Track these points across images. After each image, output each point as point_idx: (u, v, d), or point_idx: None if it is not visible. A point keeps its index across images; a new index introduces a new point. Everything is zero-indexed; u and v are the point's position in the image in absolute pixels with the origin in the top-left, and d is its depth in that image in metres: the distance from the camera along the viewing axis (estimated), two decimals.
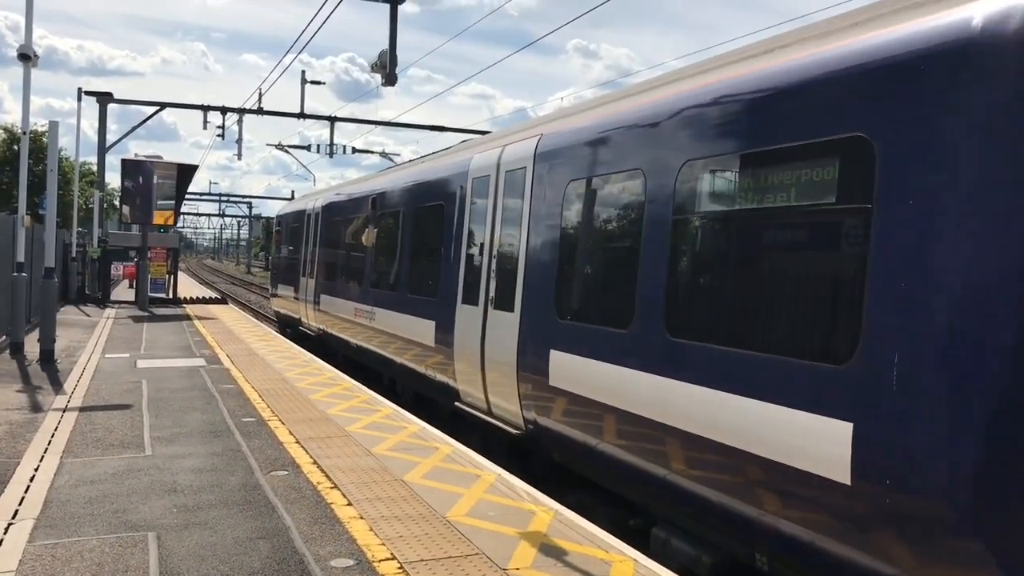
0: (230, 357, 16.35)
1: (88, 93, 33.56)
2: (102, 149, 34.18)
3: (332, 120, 38.96)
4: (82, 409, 10.81)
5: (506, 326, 9.44)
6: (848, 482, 4.72)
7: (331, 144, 41.00)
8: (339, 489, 7.45)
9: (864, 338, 4.78)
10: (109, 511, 6.66)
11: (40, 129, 38.47)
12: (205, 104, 36.09)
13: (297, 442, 9.24)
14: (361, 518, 6.66)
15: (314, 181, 58.19)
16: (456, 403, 10.98)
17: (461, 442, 9.79)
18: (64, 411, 10.66)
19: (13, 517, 6.48)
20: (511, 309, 9.40)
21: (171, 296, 31.50)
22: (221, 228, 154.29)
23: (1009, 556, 3.77)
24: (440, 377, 11.56)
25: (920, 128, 4.64)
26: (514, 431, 9.30)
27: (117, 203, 37.02)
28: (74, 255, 30.85)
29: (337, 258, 18.57)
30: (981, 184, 4.33)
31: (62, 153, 32.17)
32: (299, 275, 22.34)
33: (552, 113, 10.42)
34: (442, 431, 10.34)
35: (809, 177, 5.42)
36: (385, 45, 10.33)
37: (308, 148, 44.68)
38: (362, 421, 10.50)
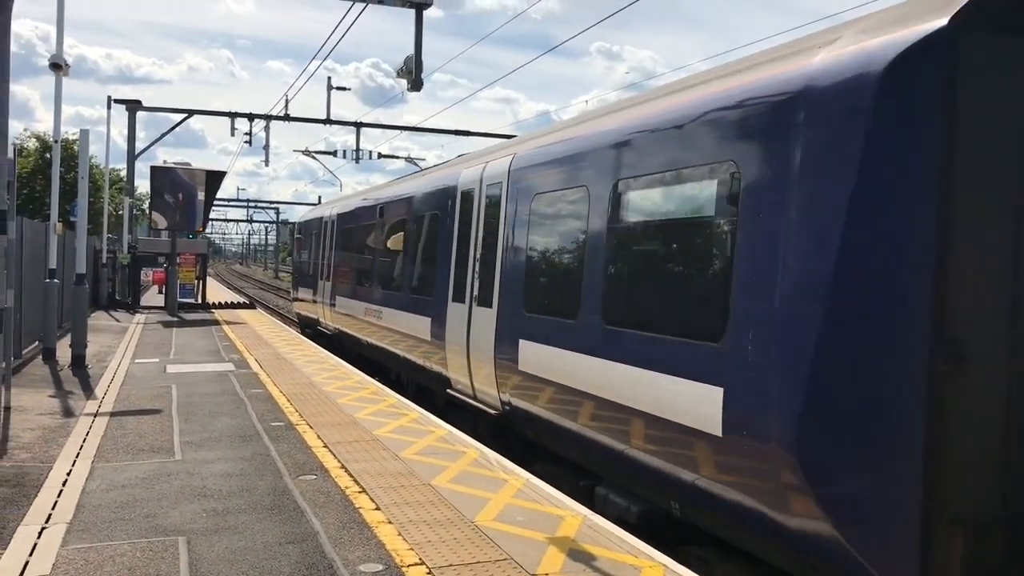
0: (259, 362, 16.46)
1: (118, 101, 33.98)
2: (131, 156, 34.56)
3: (358, 126, 39.18)
4: (113, 414, 10.92)
5: (486, 320, 10.72)
6: (720, 434, 6.04)
7: (357, 149, 41.23)
8: (367, 493, 7.46)
9: (730, 323, 6.06)
10: (140, 515, 6.72)
11: (71, 137, 38.97)
12: (232, 111, 36.43)
13: (325, 446, 9.27)
14: (389, 523, 6.67)
15: (340, 186, 58.52)
16: (448, 390, 12.21)
17: (487, 445, 9.78)
18: (95, 416, 10.77)
19: (47, 521, 6.55)
20: (490, 305, 10.66)
21: (200, 301, 31.80)
22: (249, 234, 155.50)
23: (821, 483, 5.22)
24: (435, 367, 12.83)
25: (765, 160, 5.94)
26: (493, 412, 10.50)
27: (147, 209, 37.42)
28: (104, 261, 31.23)
29: (350, 262, 19.96)
30: (803, 207, 5.56)
31: (92, 160, 32.57)
32: (317, 278, 23.69)
33: (526, 135, 12.03)
34: (467, 434, 10.34)
35: (692, 194, 6.91)
36: (409, 50, 10.37)
37: (334, 154, 45.00)
38: (389, 425, 10.52)
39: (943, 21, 4.93)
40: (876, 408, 5.09)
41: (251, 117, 36.67)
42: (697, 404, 6.29)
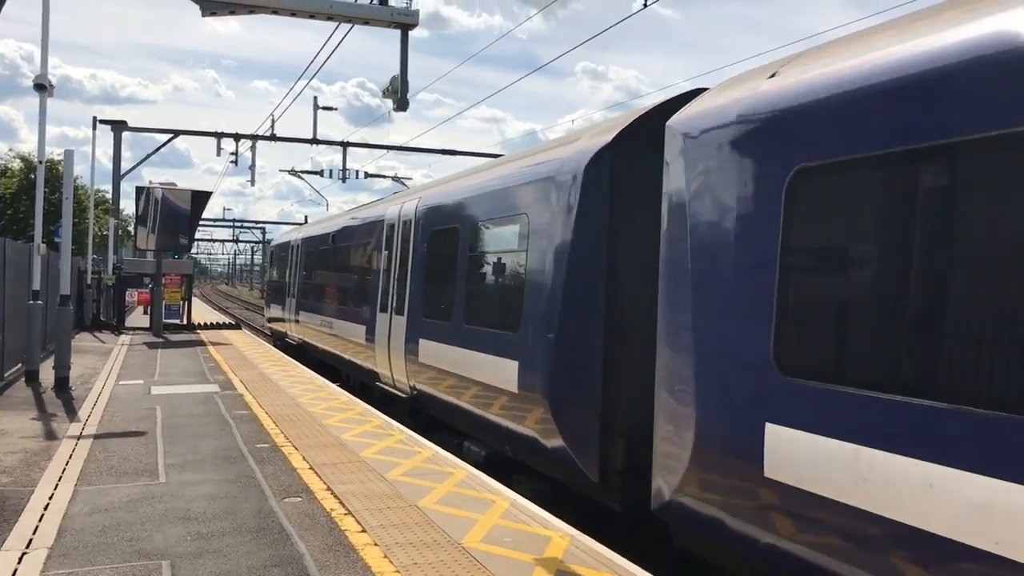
0: (244, 383, 16.36)
1: (103, 122, 33.85)
2: (117, 177, 34.42)
3: (345, 145, 39.17)
4: (96, 436, 10.82)
5: (400, 325, 13.95)
6: (516, 391, 9.34)
7: (344, 169, 41.17)
8: (353, 515, 7.41)
9: (522, 320, 9.37)
10: (123, 540, 6.64)
11: (56, 158, 38.83)
12: (219, 131, 36.37)
13: (311, 468, 9.21)
14: (375, 545, 6.62)
15: (327, 206, 58.57)
16: (377, 383, 15.57)
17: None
18: (78, 438, 10.67)
19: (27, 546, 6.47)
20: (403, 313, 13.91)
21: (185, 322, 31.63)
22: (235, 254, 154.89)
23: (558, 417, 8.50)
24: (369, 365, 16.08)
25: (538, 213, 9.38)
26: (404, 396, 13.74)
27: (132, 230, 37.25)
28: (89, 282, 31.04)
29: (310, 281, 23.46)
30: (550, 244, 8.93)
31: (77, 181, 32.47)
32: (285, 295, 27.16)
33: (432, 182, 15.51)
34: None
35: (506, 234, 10.42)
36: (394, 70, 10.37)
37: (320, 173, 44.88)
38: (376, 446, 10.46)
39: (610, 138, 8.51)
40: (581, 370, 8.36)
41: (237, 137, 36.62)
42: (507, 373, 9.56)
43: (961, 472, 4.27)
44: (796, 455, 5.24)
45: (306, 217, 68.29)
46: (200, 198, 29.74)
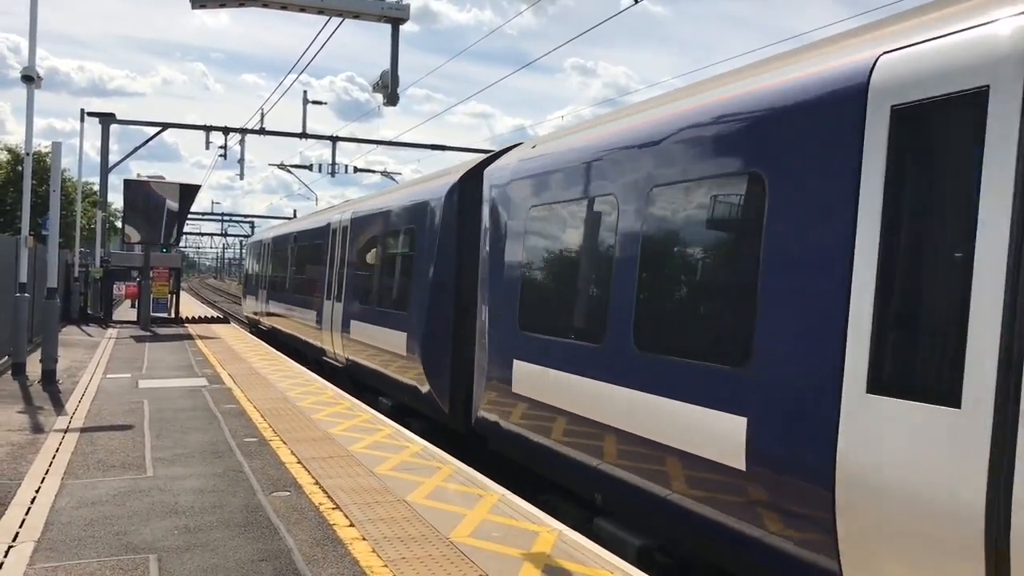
0: (232, 377, 16.32)
1: (91, 114, 33.70)
2: (104, 169, 34.24)
3: (334, 139, 39.08)
4: (83, 430, 10.78)
5: (339, 310, 18.05)
6: (404, 353, 13.22)
7: (333, 164, 41.12)
8: (341, 510, 7.41)
9: (408, 303, 13.20)
10: (110, 533, 6.63)
11: (43, 150, 38.58)
12: (207, 124, 36.21)
13: (299, 462, 9.21)
14: (363, 539, 6.62)
15: (316, 200, 58.24)
16: (323, 357, 19.81)
17: (467, 463, 9.76)
18: (65, 432, 10.63)
19: (14, 540, 6.45)
20: (340, 300, 18.06)
21: (173, 316, 31.50)
22: (224, 247, 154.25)
23: (427, 370, 12.41)
24: (318, 343, 20.27)
25: (423, 227, 13.18)
26: (340, 365, 18.24)
27: (119, 223, 37.08)
28: (76, 275, 30.87)
29: (277, 273, 27.93)
30: (431, 249, 12.71)
31: (65, 174, 32.27)
32: (257, 288, 31.85)
33: (367, 195, 19.91)
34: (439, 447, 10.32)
35: (402, 239, 14.33)
36: (384, 65, 10.35)
37: (310, 168, 44.80)
38: (364, 441, 10.46)
39: (457, 177, 12.50)
40: (440, 336, 12.20)
41: (226, 131, 36.48)
42: (396, 341, 13.64)
43: (584, 379, 7.82)
44: (524, 376, 9.04)
45: (295, 211, 68.13)
46: (188, 192, 29.60)
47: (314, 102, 37.85)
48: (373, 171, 46.42)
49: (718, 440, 5.95)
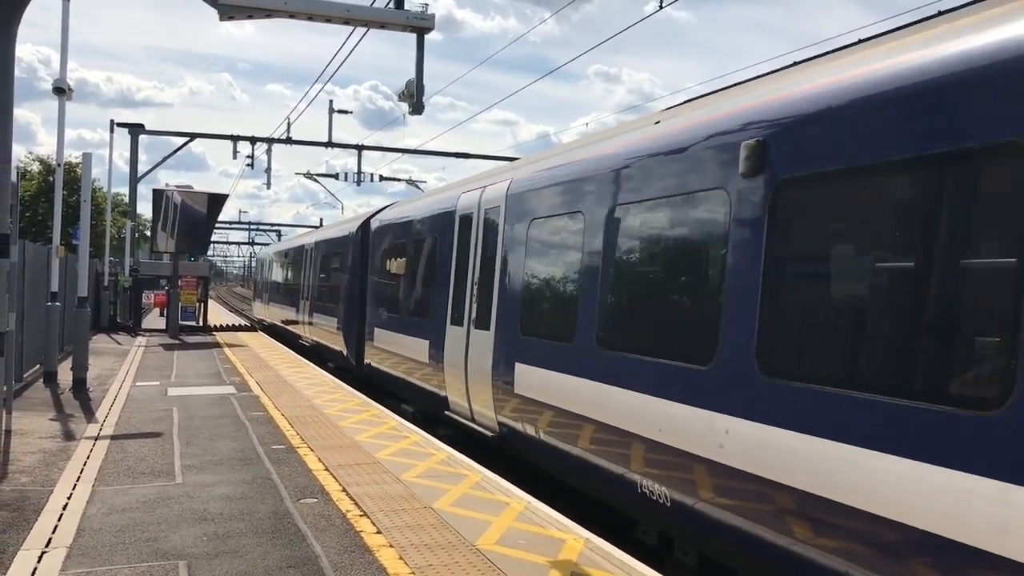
0: (260, 384, 16.44)
1: (120, 125, 34.12)
2: (134, 179, 34.65)
3: (360, 148, 39.30)
4: (113, 437, 10.90)
5: (303, 306, 26.81)
6: (335, 331, 21.68)
7: (359, 172, 41.34)
8: (368, 517, 7.44)
9: (341, 308, 20.94)
10: (140, 540, 6.69)
11: (74, 160, 39.10)
12: (235, 134, 36.56)
13: (326, 469, 9.25)
14: (390, 546, 6.64)
15: (342, 209, 58.64)
16: (299, 340, 27.52)
17: (489, 468, 9.76)
18: (96, 439, 10.75)
19: (47, 545, 6.53)
20: (306, 298, 26.50)
21: (201, 324, 31.80)
22: (251, 256, 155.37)
23: (347, 345, 20.22)
24: (299, 332, 27.88)
25: (345, 253, 21.53)
26: (308, 345, 25.79)
27: (148, 233, 37.48)
28: (106, 284, 31.25)
29: (277, 283, 35.26)
30: (348, 269, 20.69)
31: (95, 184, 32.67)
32: (263, 292, 40.28)
33: (324, 227, 33.66)
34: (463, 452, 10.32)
35: (333, 262, 23.66)
36: (407, 73, 10.41)
37: (336, 176, 45.09)
38: (391, 448, 10.50)
39: (359, 222, 20.46)
40: (355, 322, 19.27)
41: (253, 140, 36.81)
42: (334, 327, 21.54)
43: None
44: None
45: (321, 220, 68.49)
46: (216, 201, 29.94)
47: (340, 111, 38.11)
48: (398, 179, 46.69)
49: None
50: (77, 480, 8.61)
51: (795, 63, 6.81)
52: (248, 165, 38.16)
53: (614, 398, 7.72)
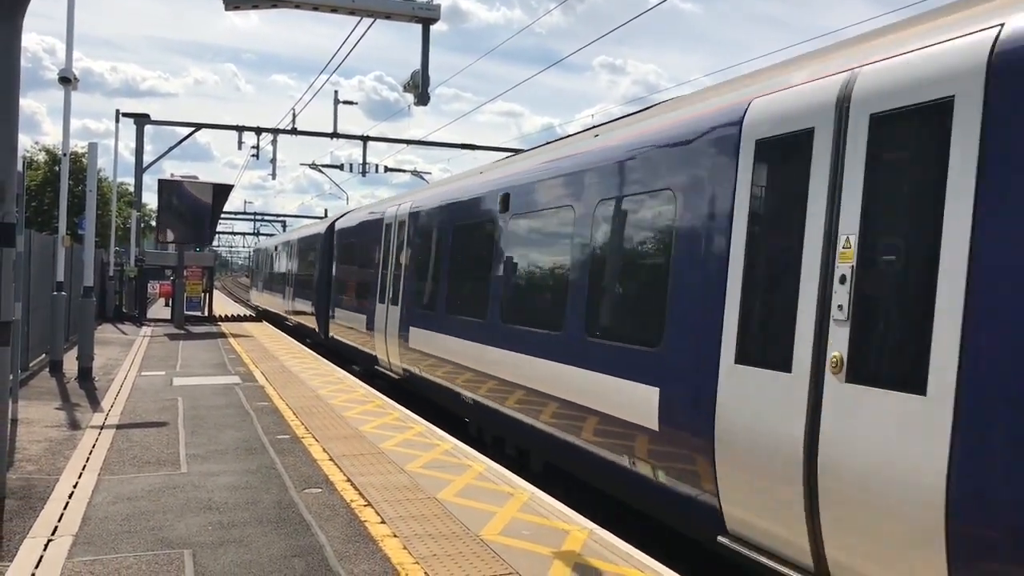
0: (265, 375, 16.47)
1: (126, 115, 34.11)
2: (139, 169, 34.69)
3: (365, 139, 39.27)
4: (119, 426, 10.94)
5: (286, 291, 32.65)
6: (311, 311, 26.17)
7: (364, 163, 41.32)
8: (373, 507, 7.46)
9: (315, 290, 25.61)
10: (146, 528, 6.72)
11: (79, 150, 39.13)
12: (240, 125, 36.54)
13: (331, 459, 9.27)
14: (395, 536, 6.66)
15: (347, 200, 58.61)
16: (285, 322, 32.45)
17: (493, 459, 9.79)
18: (101, 428, 10.79)
19: (53, 533, 6.56)
20: (289, 284, 32.21)
21: (206, 314, 31.87)
22: (253, 247, 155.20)
23: (319, 325, 24.63)
24: (280, 312, 34.04)
25: (316, 249, 26.55)
26: (292, 325, 31.11)
27: (154, 223, 37.54)
28: (111, 274, 31.32)
29: (270, 273, 40.28)
30: (319, 262, 25.51)
31: (100, 174, 32.71)
32: (258, 282, 46.51)
33: (296, 227, 43.52)
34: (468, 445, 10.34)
35: (308, 256, 28.32)
36: (412, 64, 10.41)
37: (341, 167, 45.08)
38: (395, 438, 10.52)
39: (327, 224, 25.96)
40: (324, 306, 23.82)
41: (259, 131, 36.80)
42: (310, 318, 26.26)
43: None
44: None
45: (326, 211, 68.50)
46: (222, 191, 29.94)
47: (345, 102, 38.07)
48: (403, 170, 46.61)
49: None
50: (83, 469, 8.65)
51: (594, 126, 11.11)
52: (253, 156, 38.18)
53: (452, 345, 12.54)
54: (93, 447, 9.69)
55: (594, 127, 10.64)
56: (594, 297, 8.52)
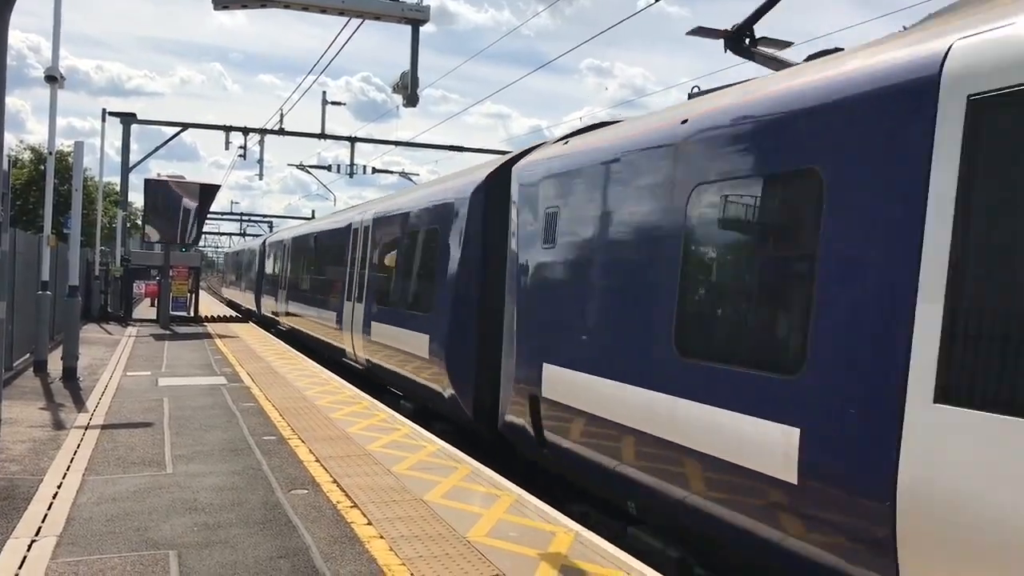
0: (251, 375, 16.42)
1: (112, 114, 33.94)
2: (125, 169, 34.52)
3: (352, 140, 39.21)
4: (104, 427, 10.88)
5: (268, 289, 33.11)
6: (288, 307, 28.37)
7: (351, 164, 41.22)
8: (359, 508, 7.45)
9: (298, 296, 26.66)
10: (130, 529, 6.69)
11: (65, 149, 38.92)
12: (227, 124, 36.42)
13: (317, 460, 9.25)
14: (381, 537, 6.65)
15: (334, 201, 58.84)
16: (254, 316, 35.82)
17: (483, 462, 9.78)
18: (86, 429, 10.73)
19: (36, 534, 6.52)
20: (283, 286, 29.16)
21: (192, 314, 31.72)
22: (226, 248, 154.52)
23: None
24: (252, 308, 37.52)
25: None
26: (284, 329, 28.99)
27: (140, 222, 37.38)
28: (97, 274, 31.13)
29: (236, 272, 47.49)
30: (295, 262, 28.30)
31: (86, 173, 32.55)
32: (233, 281, 51.08)
33: (285, 227, 41.94)
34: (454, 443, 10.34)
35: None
36: (399, 65, 10.43)
37: (328, 168, 44.98)
38: (382, 440, 10.51)
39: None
40: (272, 291, 31.58)
41: (246, 131, 36.68)
42: (282, 318, 28.89)
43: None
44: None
45: (313, 212, 68.42)
46: (208, 191, 29.80)
47: (333, 103, 38.01)
48: (391, 172, 46.51)
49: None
50: (67, 469, 8.60)
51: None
52: (240, 156, 38.05)
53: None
54: (78, 447, 9.63)
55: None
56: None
